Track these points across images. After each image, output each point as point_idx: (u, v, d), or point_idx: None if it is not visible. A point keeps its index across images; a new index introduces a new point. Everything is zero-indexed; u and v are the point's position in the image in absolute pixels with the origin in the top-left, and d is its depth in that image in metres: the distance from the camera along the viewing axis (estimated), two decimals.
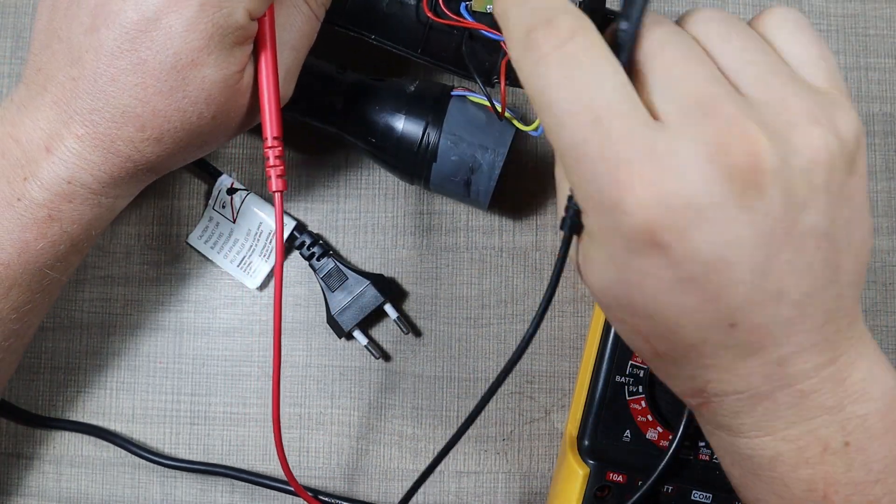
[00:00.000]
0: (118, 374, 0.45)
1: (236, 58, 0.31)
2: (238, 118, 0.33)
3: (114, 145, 0.31)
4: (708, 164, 0.23)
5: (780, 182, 0.23)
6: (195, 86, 0.31)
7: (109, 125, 0.31)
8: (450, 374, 0.45)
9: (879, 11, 0.47)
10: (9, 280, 0.33)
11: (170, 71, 0.30)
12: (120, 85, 0.30)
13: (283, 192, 0.34)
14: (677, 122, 0.23)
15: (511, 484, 0.45)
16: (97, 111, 0.31)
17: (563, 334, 0.45)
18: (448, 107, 0.40)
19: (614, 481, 0.40)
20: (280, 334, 0.36)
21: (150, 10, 0.30)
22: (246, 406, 0.45)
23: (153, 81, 0.30)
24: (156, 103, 0.31)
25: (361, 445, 0.45)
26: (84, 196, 0.32)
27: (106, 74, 0.30)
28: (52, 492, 0.45)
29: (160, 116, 0.31)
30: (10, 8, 0.47)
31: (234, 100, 0.32)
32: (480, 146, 0.39)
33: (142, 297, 0.45)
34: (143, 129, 0.31)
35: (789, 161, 0.23)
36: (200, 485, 0.45)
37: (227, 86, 0.32)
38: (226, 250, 0.45)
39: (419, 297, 0.45)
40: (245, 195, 0.44)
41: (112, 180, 0.33)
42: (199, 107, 0.31)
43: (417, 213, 0.45)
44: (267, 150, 0.34)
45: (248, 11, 0.31)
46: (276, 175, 0.34)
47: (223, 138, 0.34)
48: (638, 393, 0.40)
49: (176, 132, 0.32)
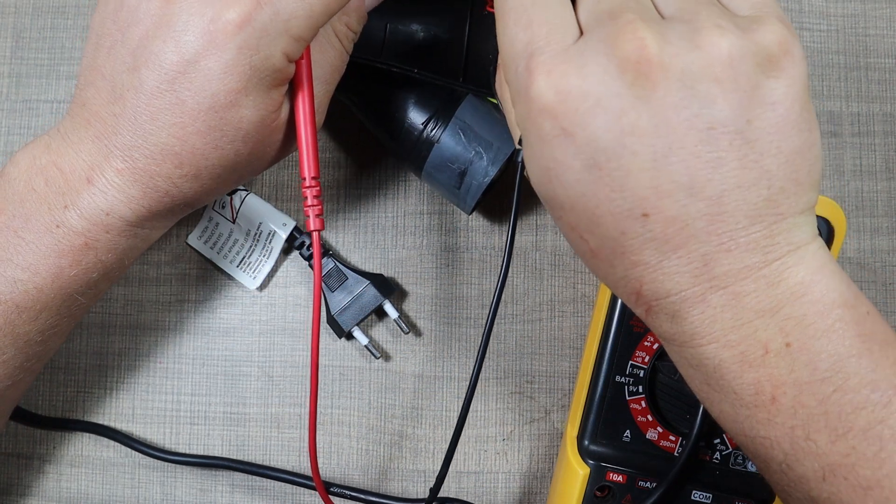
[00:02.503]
0: (118, 374, 0.45)
1: (273, 98, 0.32)
2: (273, 153, 0.34)
3: (152, 181, 0.32)
4: (603, 58, 0.26)
5: (673, 74, 0.26)
6: (232, 125, 0.32)
7: (148, 161, 0.32)
8: (450, 374, 0.45)
9: (879, 11, 0.47)
10: (40, 304, 0.34)
11: (207, 111, 0.31)
12: (159, 123, 0.31)
13: (321, 231, 0.35)
14: (589, 29, 0.27)
15: (511, 484, 0.45)
16: (137, 147, 0.32)
17: (563, 334, 0.45)
18: (466, 97, 0.40)
19: (614, 481, 0.40)
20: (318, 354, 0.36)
21: (189, 52, 0.30)
22: (246, 406, 0.45)
23: (191, 121, 0.31)
24: (194, 142, 0.32)
25: (361, 445, 0.45)
26: (121, 227, 0.33)
27: (146, 113, 0.31)
28: (52, 492, 0.45)
29: (198, 154, 0.32)
30: (10, 8, 0.47)
31: (270, 136, 0.33)
32: (486, 141, 0.39)
33: (142, 297, 0.46)
34: (181, 167, 0.32)
35: (685, 56, 0.26)
36: (200, 485, 0.45)
37: (263, 125, 0.32)
38: (225, 250, 0.45)
39: (419, 297, 0.45)
40: (244, 195, 0.44)
41: (150, 214, 0.33)
42: (237, 145, 0.32)
43: (417, 213, 0.45)
44: (305, 190, 0.34)
45: (285, 55, 0.31)
46: (314, 214, 0.34)
47: (258, 171, 0.35)
48: (638, 393, 0.40)
49: (213, 169, 0.33)
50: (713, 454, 0.40)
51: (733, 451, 0.40)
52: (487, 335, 0.35)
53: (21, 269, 0.33)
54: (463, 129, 0.39)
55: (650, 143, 0.26)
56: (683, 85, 0.26)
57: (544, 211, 0.45)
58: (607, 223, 0.27)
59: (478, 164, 0.39)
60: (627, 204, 0.27)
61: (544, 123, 0.27)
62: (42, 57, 0.46)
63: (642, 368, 0.40)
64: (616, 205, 0.27)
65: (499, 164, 0.39)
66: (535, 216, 0.45)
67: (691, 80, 0.26)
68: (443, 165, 0.40)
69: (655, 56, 0.25)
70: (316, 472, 0.38)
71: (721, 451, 0.40)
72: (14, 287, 0.33)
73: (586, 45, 0.26)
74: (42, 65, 0.47)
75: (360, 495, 0.43)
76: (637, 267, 0.28)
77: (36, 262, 0.33)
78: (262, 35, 0.30)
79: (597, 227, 0.28)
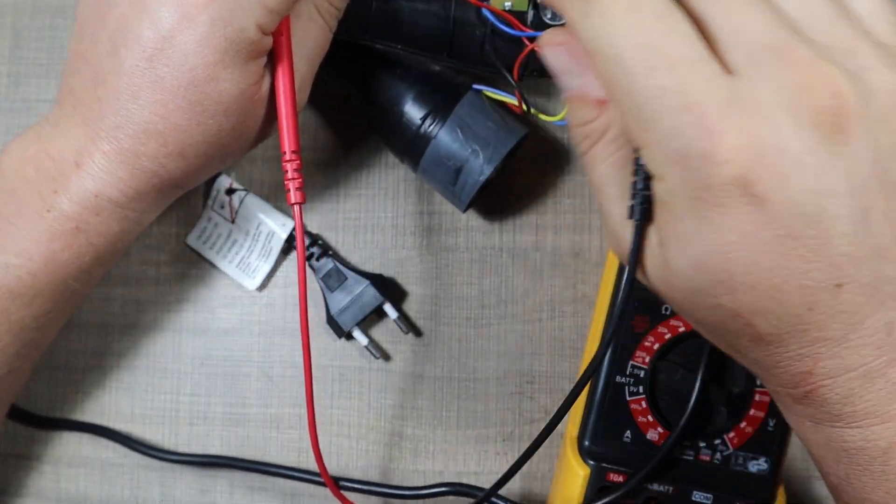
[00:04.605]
0: (117, 374, 0.45)
1: (251, 71, 0.32)
2: (256, 128, 0.35)
3: (138, 161, 0.33)
4: (794, 109, 0.22)
5: (865, 125, 0.22)
6: (213, 99, 0.32)
7: (133, 142, 0.32)
8: (450, 374, 0.45)
9: None
10: (34, 289, 0.34)
11: (187, 87, 0.31)
12: (141, 102, 0.32)
13: (302, 204, 0.35)
14: (751, 70, 0.23)
15: (511, 484, 0.44)
16: (121, 128, 0.32)
17: (563, 334, 0.45)
18: (466, 94, 0.40)
19: (615, 482, 0.40)
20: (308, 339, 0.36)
21: (164, 28, 0.31)
22: (245, 406, 0.45)
23: (171, 97, 0.32)
24: (176, 119, 0.32)
25: (361, 446, 0.45)
26: (110, 210, 0.34)
27: (127, 93, 0.32)
28: (51, 492, 0.45)
29: (181, 131, 0.32)
30: (9, 8, 0.46)
31: (252, 111, 0.34)
32: (483, 140, 0.39)
33: (141, 297, 0.45)
34: (165, 145, 0.33)
35: (870, 104, 0.23)
36: (200, 485, 0.45)
37: (244, 98, 0.33)
38: (224, 251, 0.45)
39: (419, 297, 0.45)
40: (244, 195, 0.44)
41: (137, 195, 0.34)
42: (218, 119, 0.33)
43: (417, 213, 0.45)
44: (285, 164, 0.35)
45: (259, 27, 0.31)
46: (294, 188, 0.35)
47: (243, 150, 0.36)
48: (638, 393, 0.40)
49: (198, 146, 0.33)
50: (714, 455, 0.40)
51: (734, 452, 0.40)
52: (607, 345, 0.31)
53: (14, 254, 0.33)
54: (461, 127, 0.39)
55: (849, 204, 0.23)
56: (870, 135, 0.23)
57: (544, 211, 0.45)
58: (794, 300, 0.24)
59: (474, 163, 0.39)
60: (822, 275, 0.23)
61: (732, 190, 0.22)
62: (41, 57, 0.46)
63: (643, 369, 0.40)
64: (810, 277, 0.23)
65: (494, 163, 0.39)
66: (535, 216, 0.45)
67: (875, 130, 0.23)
68: (439, 161, 0.40)
69: (854, 107, 0.22)
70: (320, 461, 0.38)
71: (722, 451, 0.40)
72: (7, 273, 0.34)
73: (760, 92, 0.22)
74: (41, 64, 0.46)
75: (365, 486, 0.43)
76: (817, 343, 0.24)
77: (28, 247, 0.33)
78: (234, 7, 0.31)
79: (778, 306, 0.24)
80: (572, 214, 0.45)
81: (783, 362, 0.25)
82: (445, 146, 0.39)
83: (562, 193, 0.45)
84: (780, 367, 0.26)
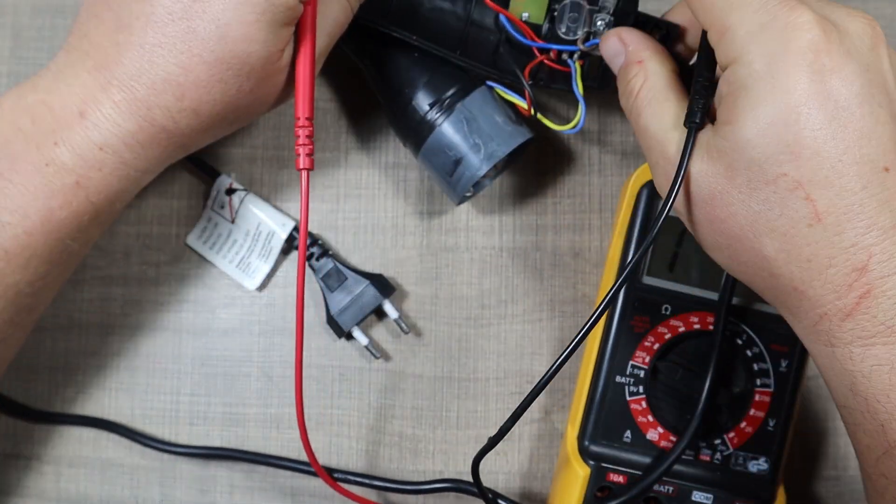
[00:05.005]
0: (117, 374, 0.45)
1: (281, 36, 0.32)
2: (274, 94, 0.34)
3: (150, 113, 0.32)
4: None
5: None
6: (239, 59, 0.31)
7: (148, 92, 0.31)
8: (450, 374, 0.45)
9: (879, 11, 0.47)
10: (30, 249, 0.33)
11: (218, 41, 0.31)
12: (165, 51, 0.31)
13: (310, 170, 0.34)
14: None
15: (511, 484, 0.45)
16: (137, 77, 0.31)
17: (563, 334, 0.45)
18: (477, 87, 0.40)
19: (615, 482, 0.40)
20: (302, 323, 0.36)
21: None
22: (245, 406, 0.45)
23: (199, 50, 0.31)
24: (199, 73, 0.31)
25: (361, 445, 0.45)
26: (114, 165, 0.32)
27: (153, 40, 0.31)
28: (52, 492, 0.45)
29: (201, 86, 0.32)
30: (9, 7, 0.46)
31: (273, 76, 0.33)
32: (488, 135, 0.39)
33: (141, 297, 0.45)
34: (181, 98, 0.32)
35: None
36: (200, 485, 0.45)
37: (268, 62, 0.32)
38: (224, 251, 0.45)
39: (419, 297, 0.45)
40: (244, 195, 0.44)
41: (143, 150, 0.33)
42: (240, 80, 0.32)
43: (417, 213, 0.45)
44: (298, 130, 0.34)
45: None
46: (304, 153, 0.34)
47: (255, 114, 0.35)
48: (638, 393, 0.40)
49: (214, 105, 0.32)
50: (714, 455, 0.40)
51: (734, 452, 0.40)
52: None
53: (9, 212, 0.32)
54: (467, 119, 0.39)
55: (889, 101, 0.28)
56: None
57: (544, 211, 0.45)
58: (850, 173, 0.27)
59: (473, 157, 0.39)
60: (873, 154, 0.27)
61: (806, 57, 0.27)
62: (41, 56, 0.46)
63: (642, 368, 0.40)
64: (863, 154, 0.27)
65: (494, 160, 0.39)
66: (535, 216, 0.45)
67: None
68: (440, 150, 0.40)
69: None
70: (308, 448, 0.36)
71: (722, 451, 0.40)
72: (2, 231, 0.32)
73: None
74: (40, 64, 0.46)
75: (362, 479, 0.43)
76: (871, 231, 0.27)
77: (25, 204, 0.32)
78: None
79: (838, 178, 0.27)
80: (572, 214, 0.45)
81: (838, 256, 0.27)
82: (449, 136, 0.40)
83: (562, 193, 0.45)
84: (835, 266, 0.27)
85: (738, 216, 0.29)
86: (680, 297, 0.40)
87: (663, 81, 0.33)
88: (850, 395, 0.29)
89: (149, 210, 0.46)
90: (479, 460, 0.37)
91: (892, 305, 0.27)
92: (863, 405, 0.29)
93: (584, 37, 0.37)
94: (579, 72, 0.38)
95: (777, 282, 0.29)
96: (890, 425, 0.28)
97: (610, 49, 0.35)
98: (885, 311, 0.27)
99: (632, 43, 0.34)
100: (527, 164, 0.45)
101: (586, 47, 0.37)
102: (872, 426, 0.29)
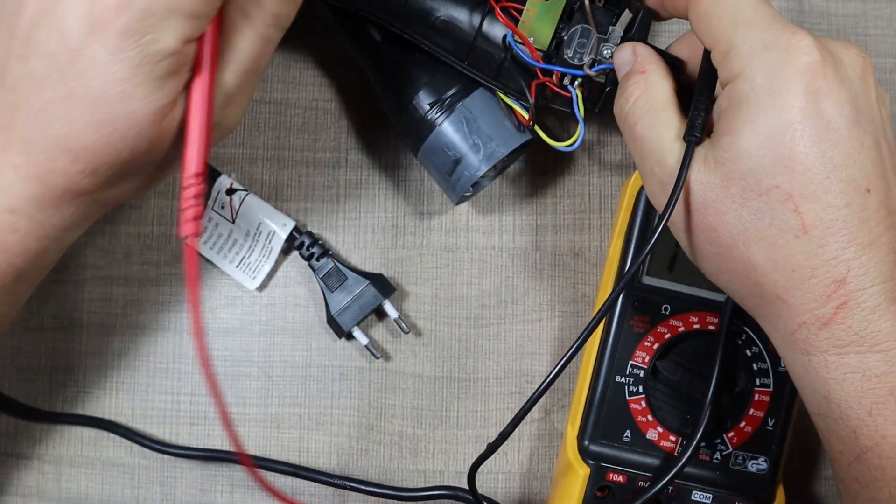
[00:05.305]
0: (118, 374, 0.45)
1: (167, 89, 0.29)
2: (177, 153, 0.31)
3: (49, 177, 0.30)
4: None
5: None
6: (122, 119, 0.29)
7: (44, 156, 0.30)
8: (450, 374, 0.45)
9: (879, 11, 0.47)
10: None
11: (95, 103, 0.28)
12: (51, 116, 0.29)
13: (197, 236, 0.31)
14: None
15: (511, 484, 0.45)
16: (32, 141, 0.30)
17: (563, 334, 0.45)
18: (477, 90, 0.40)
19: (614, 482, 0.40)
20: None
21: (73, 38, 0.28)
22: (245, 406, 0.45)
23: (80, 114, 0.29)
24: (85, 137, 0.29)
25: (361, 445, 0.45)
26: (28, 227, 0.31)
27: (37, 104, 0.29)
28: (52, 492, 0.45)
29: (91, 150, 0.29)
30: None
31: (168, 133, 0.30)
32: (487, 135, 0.39)
33: (141, 297, 0.45)
34: (76, 162, 0.30)
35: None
36: (200, 485, 0.45)
37: (157, 118, 0.29)
38: (225, 251, 0.45)
39: (419, 297, 0.45)
40: (244, 195, 0.44)
41: (56, 210, 0.31)
42: (129, 143, 0.29)
43: (417, 213, 0.45)
44: (184, 189, 0.30)
45: (181, 35, 0.28)
46: (190, 217, 0.30)
47: (169, 171, 0.32)
48: (638, 393, 0.40)
49: (111, 167, 0.30)
50: (714, 454, 0.40)
51: (734, 451, 0.40)
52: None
53: None
54: (467, 119, 0.39)
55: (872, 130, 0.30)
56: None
57: (544, 211, 0.45)
58: (836, 190, 0.29)
59: (472, 157, 0.39)
60: (857, 175, 0.29)
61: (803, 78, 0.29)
62: None
63: (642, 368, 0.40)
64: (848, 173, 0.29)
65: (494, 160, 0.39)
66: (534, 216, 0.45)
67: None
68: (439, 150, 0.40)
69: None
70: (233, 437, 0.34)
71: (721, 451, 0.40)
72: None
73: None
74: None
75: (356, 485, 0.43)
76: (850, 246, 0.28)
77: None
78: (145, 16, 0.27)
79: (825, 194, 0.29)
80: (572, 214, 0.45)
81: (820, 268, 0.29)
82: (448, 135, 0.40)
83: (562, 193, 0.46)
84: (816, 276, 0.29)
85: (729, 225, 0.30)
86: (680, 297, 0.40)
87: (663, 94, 0.33)
88: (824, 402, 0.30)
89: (150, 210, 0.46)
90: (476, 468, 0.37)
91: (865, 317, 0.28)
92: (836, 411, 0.30)
93: (591, 63, 0.38)
94: (580, 97, 0.38)
95: (761, 290, 0.30)
96: (861, 431, 0.29)
97: (621, 58, 0.36)
98: (859, 321, 0.29)
99: (641, 55, 0.35)
100: (527, 164, 0.45)
101: (594, 72, 0.37)
102: (845, 432, 0.30)
